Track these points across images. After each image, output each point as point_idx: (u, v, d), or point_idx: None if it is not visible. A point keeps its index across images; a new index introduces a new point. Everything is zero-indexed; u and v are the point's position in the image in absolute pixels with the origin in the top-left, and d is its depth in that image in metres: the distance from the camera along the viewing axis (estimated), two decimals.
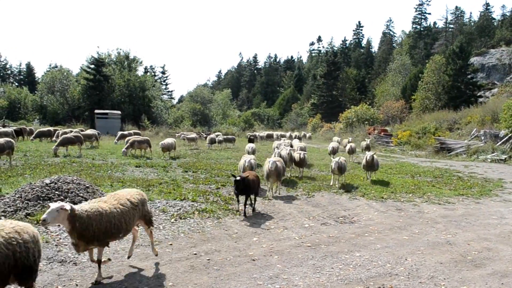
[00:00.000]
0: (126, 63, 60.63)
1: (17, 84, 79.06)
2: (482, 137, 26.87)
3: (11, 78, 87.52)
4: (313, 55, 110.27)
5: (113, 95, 53.62)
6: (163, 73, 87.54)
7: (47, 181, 8.45)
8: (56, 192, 8.06)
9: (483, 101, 44.26)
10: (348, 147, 21.09)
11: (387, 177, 15.16)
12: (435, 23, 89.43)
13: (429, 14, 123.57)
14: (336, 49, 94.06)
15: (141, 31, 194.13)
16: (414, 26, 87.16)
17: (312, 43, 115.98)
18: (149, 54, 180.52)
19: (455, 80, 46.30)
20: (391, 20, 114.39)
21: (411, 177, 15.56)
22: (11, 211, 7.53)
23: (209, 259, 6.19)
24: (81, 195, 8.18)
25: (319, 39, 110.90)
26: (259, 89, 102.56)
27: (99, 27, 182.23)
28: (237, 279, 5.50)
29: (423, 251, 6.89)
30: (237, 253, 6.52)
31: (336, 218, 9.14)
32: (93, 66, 54.70)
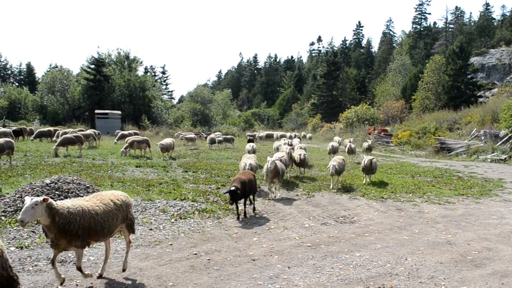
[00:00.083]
0: (126, 63, 60.66)
1: (17, 84, 78.95)
2: (482, 137, 26.86)
3: (11, 78, 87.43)
4: (313, 55, 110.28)
5: (113, 95, 53.65)
6: (163, 73, 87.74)
7: (48, 181, 8.46)
8: (56, 192, 8.07)
9: (483, 101, 44.23)
10: (347, 147, 21.02)
11: (387, 177, 15.16)
12: (435, 23, 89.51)
13: (429, 14, 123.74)
14: (336, 49, 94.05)
15: (141, 31, 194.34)
16: (414, 26, 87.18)
17: (312, 43, 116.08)
18: (149, 54, 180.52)
19: (455, 80, 46.29)
20: (391, 20, 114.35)
21: (411, 177, 15.56)
22: (11, 211, 7.55)
23: (209, 259, 6.20)
24: (82, 195, 8.17)
25: (319, 39, 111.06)
26: (259, 89, 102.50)
27: (99, 27, 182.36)
28: (237, 279, 5.50)
29: (423, 251, 6.89)
30: (237, 253, 6.53)
31: (336, 218, 9.14)
32: (93, 66, 54.76)
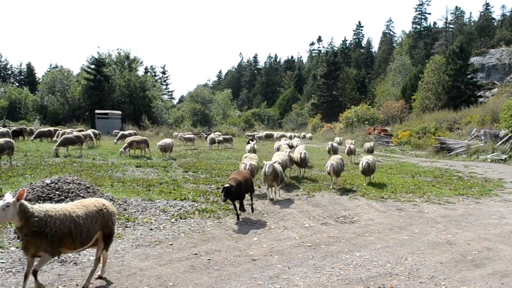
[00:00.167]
0: (126, 63, 60.62)
1: (17, 84, 78.88)
2: (482, 137, 26.85)
3: (11, 78, 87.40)
4: (313, 55, 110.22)
5: (114, 95, 53.63)
6: (164, 73, 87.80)
7: (48, 181, 8.46)
8: (56, 192, 8.07)
9: (483, 101, 44.21)
10: (347, 148, 20.86)
11: (387, 177, 15.16)
12: (435, 23, 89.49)
13: (429, 14, 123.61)
14: (336, 49, 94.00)
15: (141, 31, 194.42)
16: (414, 26, 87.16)
17: (312, 43, 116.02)
18: (149, 54, 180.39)
19: (455, 80, 46.27)
20: (391, 20, 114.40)
21: (411, 177, 15.57)
22: None
23: (209, 259, 6.20)
24: (82, 195, 8.18)
25: (319, 39, 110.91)
26: (259, 89, 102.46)
27: (99, 27, 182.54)
28: (238, 279, 5.50)
29: (423, 251, 6.89)
30: (238, 253, 6.53)
31: (336, 218, 9.15)
32: (93, 66, 54.72)
